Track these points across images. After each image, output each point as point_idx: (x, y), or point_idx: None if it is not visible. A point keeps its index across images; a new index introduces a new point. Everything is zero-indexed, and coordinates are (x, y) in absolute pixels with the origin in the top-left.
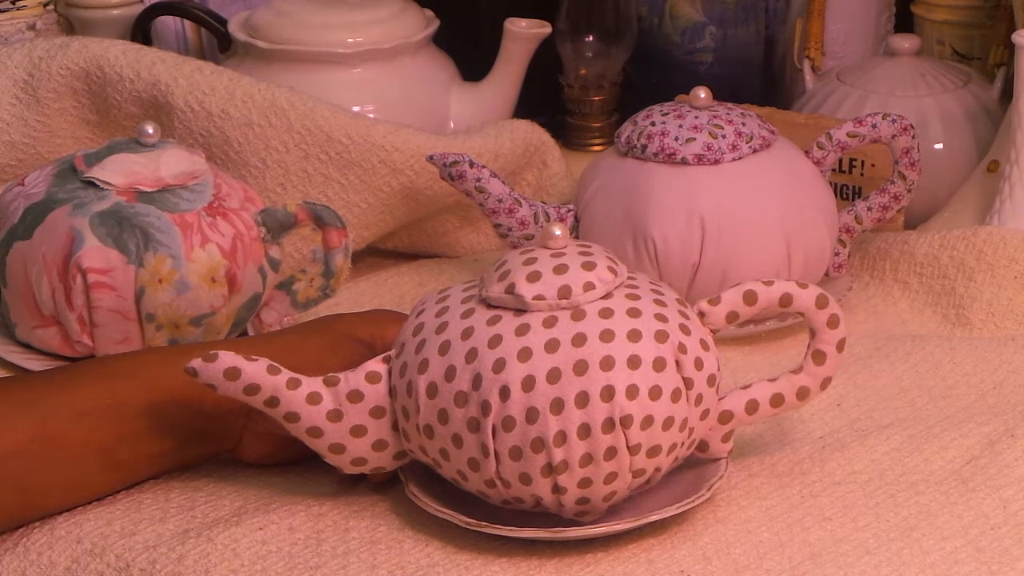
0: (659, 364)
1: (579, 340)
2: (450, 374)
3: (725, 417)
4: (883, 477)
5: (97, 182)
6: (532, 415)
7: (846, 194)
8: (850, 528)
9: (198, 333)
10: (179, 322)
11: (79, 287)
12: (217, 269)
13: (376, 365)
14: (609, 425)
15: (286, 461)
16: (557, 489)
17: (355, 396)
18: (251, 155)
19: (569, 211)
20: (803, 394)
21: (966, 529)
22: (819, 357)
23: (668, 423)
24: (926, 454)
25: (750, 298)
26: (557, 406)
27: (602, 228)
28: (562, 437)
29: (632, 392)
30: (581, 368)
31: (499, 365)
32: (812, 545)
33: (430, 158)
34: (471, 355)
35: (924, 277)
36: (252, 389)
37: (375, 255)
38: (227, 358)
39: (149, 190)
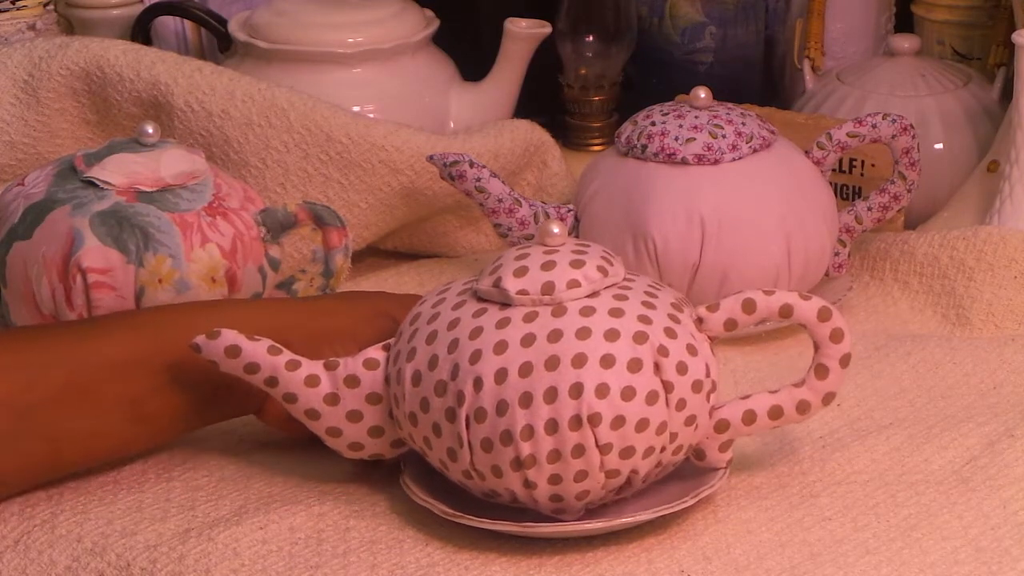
0: (634, 365)
1: (555, 336)
2: (433, 363)
3: (721, 426)
4: (883, 477)
5: (97, 182)
6: (502, 407)
7: (846, 194)
8: (850, 528)
9: None
10: None
11: (79, 287)
12: (217, 269)
13: (375, 352)
14: (576, 422)
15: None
16: (528, 484)
17: (352, 381)
18: (251, 155)
19: (569, 211)
20: (804, 408)
21: (966, 529)
22: (822, 371)
23: (642, 425)
24: (926, 454)
25: (749, 307)
26: (526, 400)
27: (602, 228)
28: (529, 431)
29: (602, 391)
30: (552, 364)
31: (475, 356)
32: (812, 545)
33: (430, 158)
34: (453, 345)
35: (924, 277)
36: (252, 368)
37: (375, 255)
38: (229, 336)
39: (149, 190)
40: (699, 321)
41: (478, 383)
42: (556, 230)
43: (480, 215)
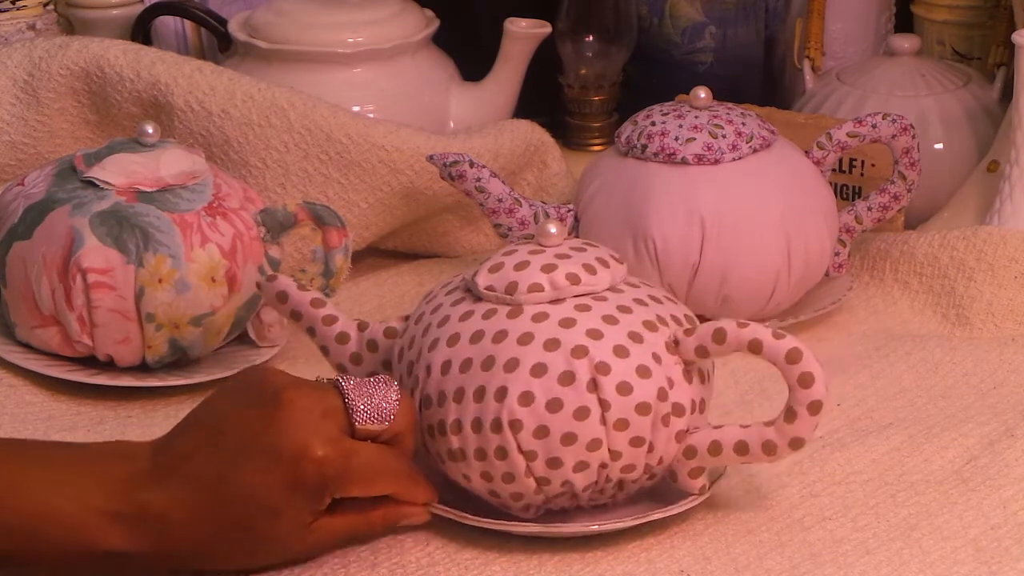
0: (566, 378)
1: (499, 337)
2: (410, 343)
3: (689, 452)
4: (883, 477)
5: (97, 182)
6: (441, 398)
7: (846, 194)
8: (850, 528)
9: (198, 333)
10: (179, 322)
11: (79, 287)
12: (217, 269)
13: (396, 322)
14: (496, 425)
15: None
16: (465, 477)
17: (372, 346)
18: (251, 155)
19: (569, 211)
20: (770, 449)
21: (966, 529)
22: (790, 415)
23: (569, 439)
24: (926, 454)
25: (719, 336)
26: (459, 395)
27: (602, 228)
28: (457, 426)
29: (526, 399)
30: (488, 364)
31: (433, 344)
32: (812, 545)
33: (430, 158)
34: (425, 330)
35: (924, 277)
36: (296, 315)
37: (375, 255)
38: (283, 282)
39: (149, 190)
40: (675, 344)
41: (428, 370)
42: (553, 230)
43: (480, 215)
